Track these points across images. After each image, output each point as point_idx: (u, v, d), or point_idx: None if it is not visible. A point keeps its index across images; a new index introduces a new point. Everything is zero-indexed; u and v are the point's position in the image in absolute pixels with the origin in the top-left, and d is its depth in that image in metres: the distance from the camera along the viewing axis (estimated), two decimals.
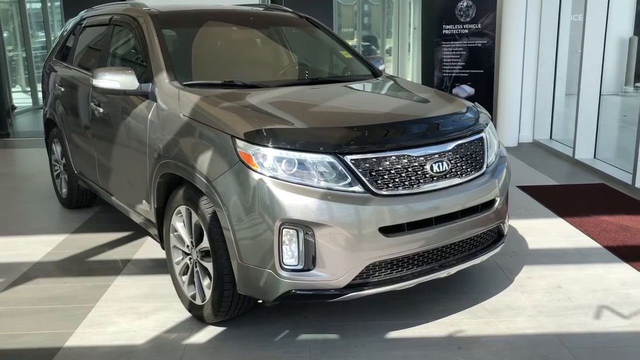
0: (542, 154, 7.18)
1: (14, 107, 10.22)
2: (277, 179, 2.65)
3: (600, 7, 6.27)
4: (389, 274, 2.82)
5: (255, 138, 2.71)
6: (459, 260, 3.05)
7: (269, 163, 2.67)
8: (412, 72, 13.48)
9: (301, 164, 2.68)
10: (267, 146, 2.69)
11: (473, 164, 3.09)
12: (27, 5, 12.08)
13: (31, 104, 11.69)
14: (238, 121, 2.86)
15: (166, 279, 3.47)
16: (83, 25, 4.84)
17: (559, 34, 7.50)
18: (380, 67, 4.26)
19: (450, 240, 2.95)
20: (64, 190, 5.11)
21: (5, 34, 10.79)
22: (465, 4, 7.70)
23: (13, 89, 10.97)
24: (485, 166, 3.16)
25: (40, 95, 10.81)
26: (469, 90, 7.86)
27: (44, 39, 12.79)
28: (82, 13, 5.02)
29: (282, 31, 4.49)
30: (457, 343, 2.89)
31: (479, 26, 7.68)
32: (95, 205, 5.15)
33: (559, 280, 3.54)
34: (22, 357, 2.83)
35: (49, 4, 12.97)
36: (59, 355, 2.82)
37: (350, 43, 5.20)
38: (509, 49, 7.38)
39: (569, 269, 3.71)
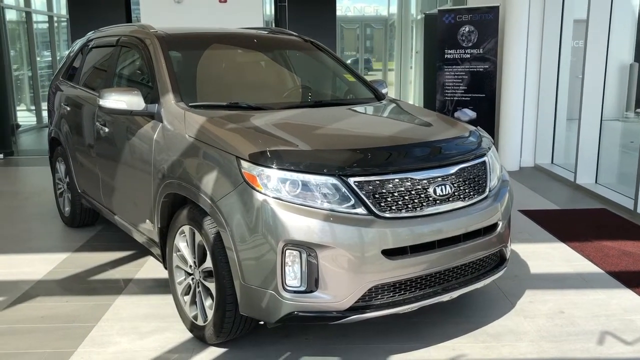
0: (543, 179, 7.20)
1: (18, 126, 10.29)
2: (281, 200, 2.67)
3: (601, 33, 6.34)
4: (391, 296, 2.81)
5: (259, 159, 2.74)
6: (462, 283, 3.05)
7: (273, 184, 2.69)
8: (414, 95, 13.58)
9: (305, 185, 2.70)
10: (271, 167, 2.71)
11: (476, 188, 3.11)
12: (34, 25, 12.23)
13: (35, 123, 11.76)
14: (243, 142, 2.89)
15: (168, 299, 3.46)
16: (90, 46, 4.91)
17: (560, 59, 7.59)
18: (383, 91, 4.31)
19: (453, 263, 2.95)
20: (67, 208, 5.13)
21: (12, 53, 10.90)
22: (467, 29, 7.79)
23: (18, 108, 11.05)
24: (487, 190, 3.17)
25: (44, 114, 10.89)
26: (470, 114, 7.91)
27: (50, 59, 12.92)
28: (90, 34, 5.09)
29: (286, 54, 4.55)
30: None
31: (481, 51, 7.76)
32: (97, 224, 5.16)
33: (561, 305, 3.53)
34: None
35: (55, 24, 13.14)
36: None
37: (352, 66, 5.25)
38: (510, 73, 7.45)
39: (571, 293, 3.71)
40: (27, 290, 3.81)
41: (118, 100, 3.43)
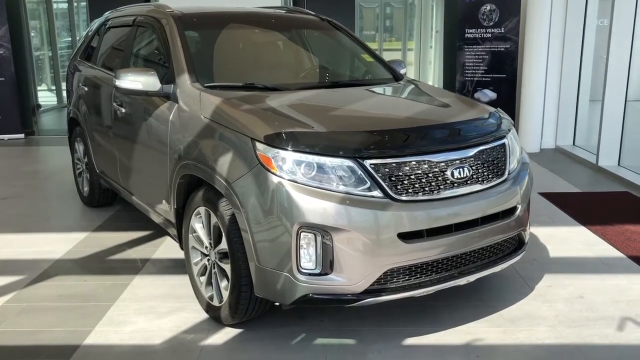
0: (564, 161, 7.08)
1: (39, 106, 10.37)
2: (296, 182, 2.65)
3: (627, 11, 6.16)
4: (407, 280, 2.79)
5: (274, 141, 2.71)
6: (479, 267, 3.01)
7: (288, 166, 2.67)
8: (433, 75, 13.40)
9: (320, 167, 2.67)
10: (286, 149, 2.68)
11: (495, 171, 3.05)
12: (54, 6, 12.26)
13: (56, 103, 11.86)
14: (258, 124, 2.87)
15: (184, 279, 3.48)
16: (107, 26, 4.90)
17: (584, 38, 7.40)
18: (402, 71, 4.24)
19: (470, 247, 2.91)
20: (86, 188, 5.17)
21: (32, 34, 10.95)
22: (488, 7, 7.63)
23: (39, 88, 11.13)
24: (507, 173, 3.12)
25: (65, 94, 10.97)
26: (490, 94, 7.78)
27: (70, 39, 12.97)
28: (107, 14, 5.08)
29: (303, 34, 4.49)
30: (474, 352, 2.85)
31: (502, 30, 7.60)
32: (116, 204, 5.20)
33: (580, 290, 3.48)
34: (42, 354, 2.87)
35: (75, 4, 13.16)
36: (78, 353, 2.85)
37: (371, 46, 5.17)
38: (532, 53, 7.30)
39: (591, 278, 3.65)
40: (47, 269, 3.86)
41: (134, 80, 3.42)
